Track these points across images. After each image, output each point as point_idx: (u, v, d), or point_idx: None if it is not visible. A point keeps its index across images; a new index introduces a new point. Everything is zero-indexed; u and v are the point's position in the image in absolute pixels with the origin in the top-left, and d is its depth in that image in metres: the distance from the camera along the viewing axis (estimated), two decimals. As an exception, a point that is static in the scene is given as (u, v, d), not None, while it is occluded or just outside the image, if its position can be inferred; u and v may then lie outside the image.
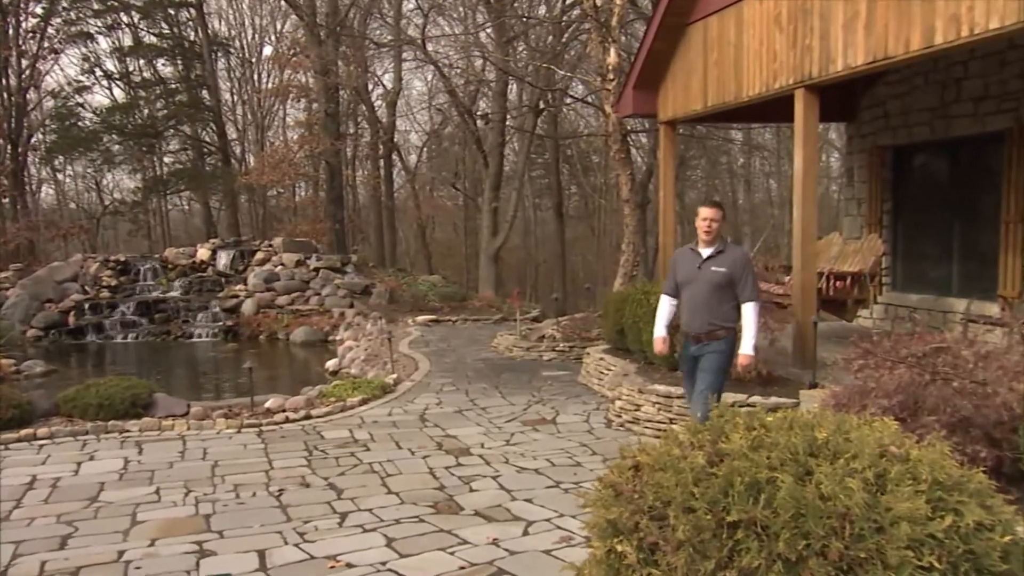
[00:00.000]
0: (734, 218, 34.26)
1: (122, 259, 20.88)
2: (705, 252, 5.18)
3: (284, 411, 8.21)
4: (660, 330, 5.51)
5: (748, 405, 6.24)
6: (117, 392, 7.90)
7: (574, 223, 35.91)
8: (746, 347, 5.12)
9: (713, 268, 5.10)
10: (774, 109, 8.83)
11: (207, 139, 33.88)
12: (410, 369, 10.91)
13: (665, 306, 5.49)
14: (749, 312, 5.10)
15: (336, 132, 25.88)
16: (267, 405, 8.38)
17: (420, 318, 16.43)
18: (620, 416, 7.44)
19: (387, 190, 30.96)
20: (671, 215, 10.17)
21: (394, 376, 10.17)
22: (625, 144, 12.97)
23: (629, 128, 16.76)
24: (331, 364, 13.75)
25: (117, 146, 31.80)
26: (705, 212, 5.12)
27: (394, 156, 31.96)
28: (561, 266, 28.87)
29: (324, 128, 25.30)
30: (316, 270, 20.20)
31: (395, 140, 31.52)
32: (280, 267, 20.39)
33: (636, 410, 7.27)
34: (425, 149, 35.67)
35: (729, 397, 6.39)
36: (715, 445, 2.47)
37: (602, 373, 9.14)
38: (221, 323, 18.77)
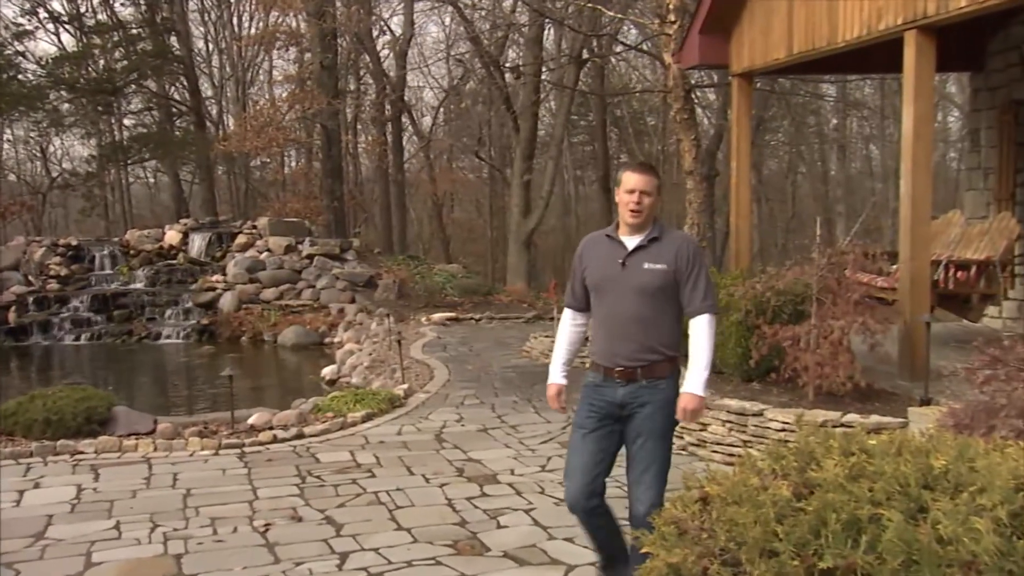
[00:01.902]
0: (823, 193, 33.96)
1: (74, 243, 21.07)
2: (632, 242, 4.15)
3: (271, 428, 8.25)
4: (555, 373, 4.37)
5: (843, 425, 6.19)
6: (68, 405, 7.92)
7: None
8: (693, 383, 4.07)
9: (647, 265, 4.09)
10: (877, 57, 8.74)
11: (176, 97, 34.18)
12: (424, 378, 10.96)
13: (566, 328, 4.40)
14: (702, 329, 4.13)
15: (334, 89, 25.99)
16: (251, 421, 8.41)
17: (436, 316, 16.52)
18: (682, 437, 7.45)
19: (396, 160, 30.92)
20: (746, 190, 10.13)
21: (404, 387, 10.21)
22: (689, 102, 12.77)
23: (694, 82, 16.67)
24: (328, 372, 13.82)
25: (66, 105, 32.08)
26: (633, 180, 4.10)
27: (404, 118, 32.08)
28: None
29: (319, 84, 25.44)
30: (310, 257, 20.27)
31: (405, 99, 31.64)
32: (266, 253, 20.48)
33: (701, 430, 7.27)
34: (442, 110, 35.82)
35: (818, 415, 6.34)
36: (803, 474, 2.46)
37: None
38: (194, 322, 18.84)
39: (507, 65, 25.97)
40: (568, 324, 4.38)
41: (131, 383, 14.31)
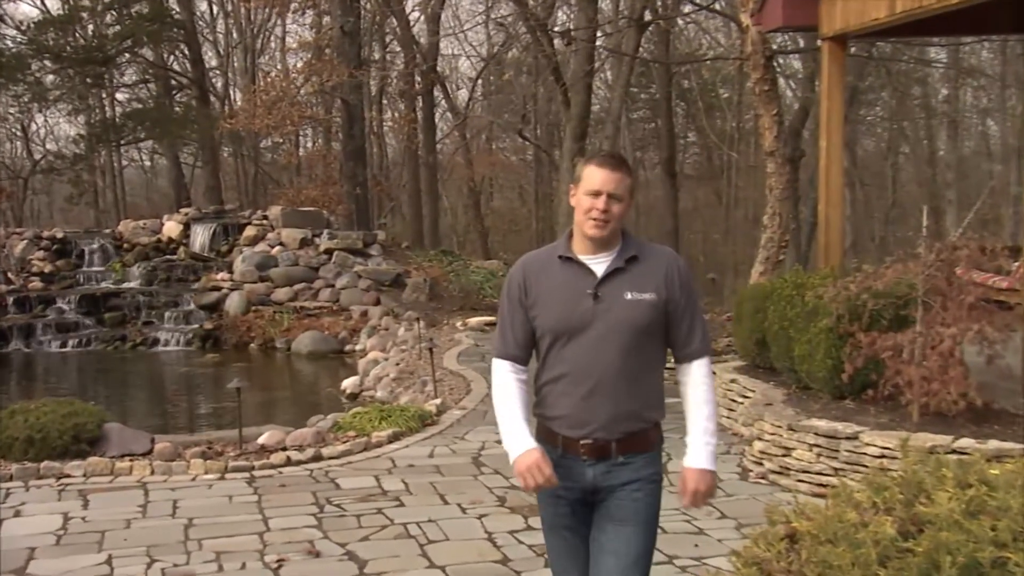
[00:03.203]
0: (930, 177, 33.47)
1: (59, 236, 21.42)
2: (599, 263, 3.58)
3: (285, 449, 8.31)
4: (522, 436, 3.58)
5: (956, 451, 6.10)
6: (54, 422, 7.97)
7: (692, 185, 35.54)
8: (700, 455, 3.59)
9: (629, 295, 3.54)
10: (999, 14, 8.60)
11: (176, 67, 34.45)
12: (459, 392, 10.99)
13: (511, 386, 3.69)
14: (702, 378, 3.69)
15: (356, 58, 25.90)
16: (261, 441, 8.46)
17: (473, 320, 16.59)
18: (761, 464, 7.43)
19: (427, 140, 30.98)
20: (837, 173, 10.03)
21: (437, 402, 10.27)
22: (770, 71, 12.64)
23: (776, 47, 16.54)
24: (349, 384, 13.93)
25: (51, 76, 32.30)
26: (598, 178, 3.54)
27: (437, 92, 32.12)
28: (674, 244, 28.55)
29: (339, 52, 25.44)
30: (328, 252, 20.44)
31: (438, 69, 31.65)
32: (278, 248, 20.68)
33: (785, 455, 7.24)
34: (481, 82, 35.83)
35: (926, 439, 6.26)
36: (910, 508, 2.44)
37: (734, 401, 9.10)
38: (196, 326, 19.05)
39: (556, 29, 25.87)
40: (511, 381, 3.67)
41: (125, 396, 14.45)
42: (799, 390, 8.22)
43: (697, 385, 3.65)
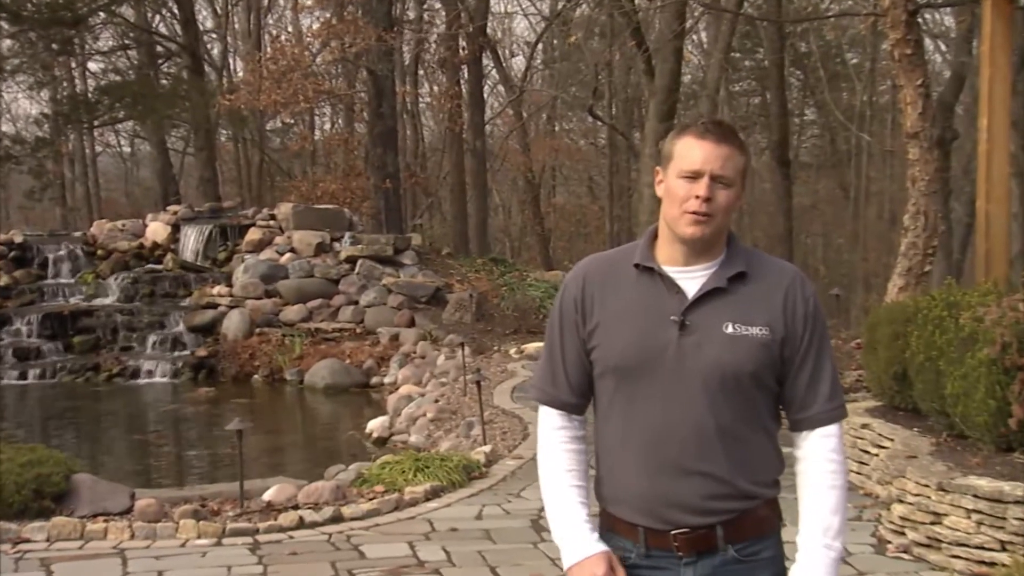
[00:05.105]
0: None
1: (18, 240, 21.56)
2: (692, 277, 3.28)
3: (296, 508, 8.32)
4: (584, 537, 3.28)
5: None
6: (10, 472, 7.98)
7: (810, 176, 35.21)
8: (815, 566, 3.22)
9: (731, 329, 3.22)
10: None
11: (163, 30, 34.65)
12: (514, 437, 11.02)
13: (558, 451, 3.37)
14: (825, 451, 3.31)
15: (386, 18, 26.09)
16: (267, 497, 8.51)
17: (531, 347, 16.55)
18: (903, 533, 7.30)
19: (474, 121, 31.00)
20: (1002, 161, 9.92)
21: (487, 449, 10.27)
22: (913, 30, 12.65)
23: (922, 1, 16.34)
24: (376, 426, 13.94)
25: (8, 42, 32.64)
26: (698, 154, 3.22)
27: (486, 60, 32.10)
28: (787, 251, 28.26)
29: (365, 11, 25.54)
30: (351, 260, 20.53)
31: (489, 32, 31.67)
32: (289, 255, 20.74)
33: (934, 523, 7.09)
34: (541, 48, 35.76)
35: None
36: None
37: (865, 453, 9.02)
38: (188, 352, 19.14)
39: (636, -19, 25.84)
40: (563, 442, 3.36)
41: (98, 441, 14.67)
42: (952, 439, 8.08)
43: (820, 462, 3.26)
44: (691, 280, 3.22)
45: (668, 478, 3.19)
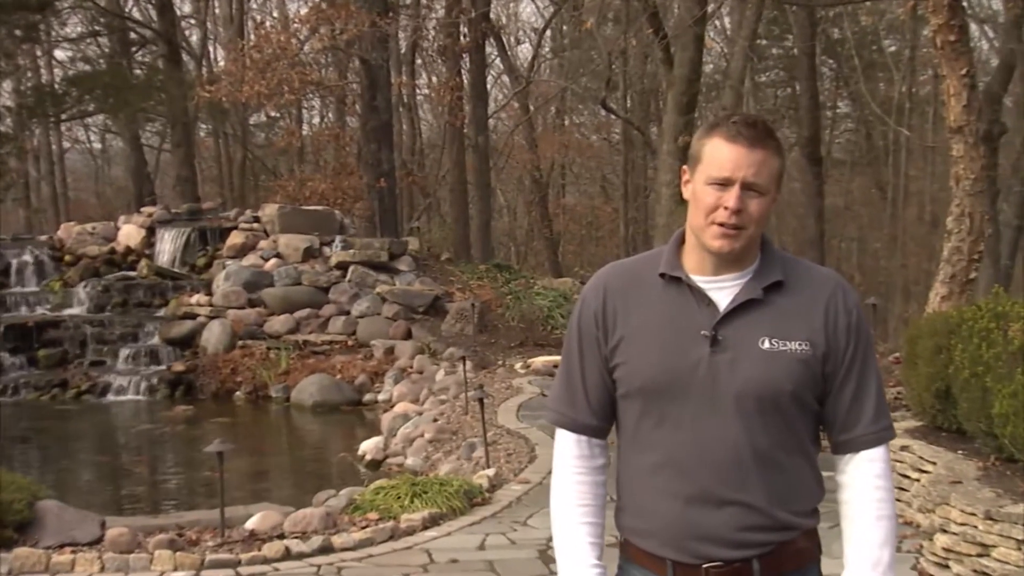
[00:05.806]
0: None
1: (-22, 244, 21.87)
2: (723, 288, 3.25)
3: (282, 537, 8.43)
4: (583, 567, 3.33)
5: None
6: None
7: (843, 174, 36.01)
8: None
9: (767, 344, 3.20)
10: None
11: (137, 15, 35.00)
12: (520, 459, 11.24)
13: (573, 478, 3.40)
14: (871, 476, 3.32)
15: (381, 2, 26.19)
16: (250, 526, 8.62)
17: (538, 361, 16.75)
18: (947, 566, 7.31)
19: (476, 114, 31.16)
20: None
21: (490, 473, 10.48)
22: (958, 15, 12.44)
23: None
24: (369, 447, 14.09)
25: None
26: (730, 158, 3.13)
27: (490, 48, 32.56)
28: (818, 257, 28.71)
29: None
30: (342, 267, 20.72)
31: (492, 17, 32.44)
32: (275, 260, 20.91)
33: (981, 554, 7.07)
34: (549, 34, 35.88)
35: None
36: None
37: (905, 477, 9.04)
38: (164, 367, 19.14)
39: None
40: (574, 472, 3.36)
41: (66, 464, 14.50)
42: (1000, 462, 8.18)
43: (866, 490, 3.25)
44: (723, 291, 3.21)
45: (700, 508, 3.21)
